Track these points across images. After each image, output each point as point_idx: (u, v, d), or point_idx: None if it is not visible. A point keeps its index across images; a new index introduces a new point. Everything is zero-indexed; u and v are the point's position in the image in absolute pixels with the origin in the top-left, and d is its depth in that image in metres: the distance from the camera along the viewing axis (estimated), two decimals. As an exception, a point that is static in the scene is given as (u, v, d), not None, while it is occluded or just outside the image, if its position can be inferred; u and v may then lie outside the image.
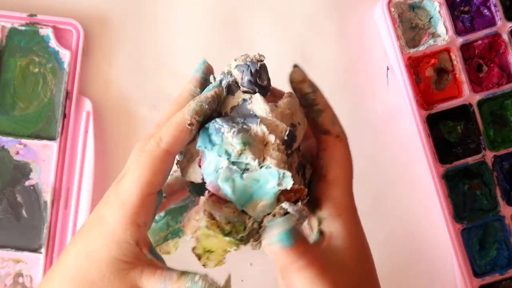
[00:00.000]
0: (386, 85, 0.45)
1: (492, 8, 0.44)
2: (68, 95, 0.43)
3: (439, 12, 0.43)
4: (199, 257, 0.28)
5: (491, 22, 0.44)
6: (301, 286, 0.26)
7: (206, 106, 0.27)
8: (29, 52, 0.43)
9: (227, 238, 0.27)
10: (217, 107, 0.28)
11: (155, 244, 0.36)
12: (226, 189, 0.27)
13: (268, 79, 0.28)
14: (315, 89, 0.29)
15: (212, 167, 0.27)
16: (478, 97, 0.43)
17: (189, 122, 0.27)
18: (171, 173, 0.28)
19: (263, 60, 0.28)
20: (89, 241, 0.28)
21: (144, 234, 0.28)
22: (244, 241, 0.28)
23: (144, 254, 0.27)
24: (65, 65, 0.43)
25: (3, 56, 0.43)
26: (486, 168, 0.43)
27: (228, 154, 0.27)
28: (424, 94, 0.44)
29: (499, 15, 0.43)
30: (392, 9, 0.43)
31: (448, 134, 0.44)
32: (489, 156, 0.43)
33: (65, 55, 0.43)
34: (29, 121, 0.43)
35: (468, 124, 0.44)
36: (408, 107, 0.44)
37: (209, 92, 0.28)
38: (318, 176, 0.29)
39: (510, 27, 0.43)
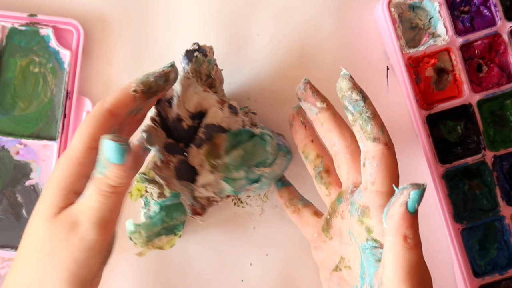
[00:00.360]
0: (386, 85, 0.45)
1: (492, 8, 0.44)
2: (68, 95, 0.43)
3: (439, 12, 0.43)
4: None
5: (491, 22, 0.44)
6: (405, 265, 0.27)
7: (152, 79, 0.31)
8: (29, 52, 0.43)
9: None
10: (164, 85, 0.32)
11: (147, 239, 0.37)
12: None
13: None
14: (364, 96, 0.30)
15: None
16: (478, 97, 0.43)
17: (133, 88, 0.30)
18: None
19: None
20: (38, 200, 0.30)
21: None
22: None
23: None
24: (65, 65, 0.43)
25: (3, 56, 0.43)
26: (486, 168, 0.43)
27: None
28: (424, 94, 0.44)
29: (499, 15, 0.43)
30: (392, 9, 0.43)
31: (448, 134, 0.44)
32: (489, 156, 0.43)
33: (65, 55, 0.43)
34: (29, 121, 0.43)
35: (468, 124, 0.44)
36: (408, 107, 0.44)
37: (158, 69, 0.32)
38: (365, 183, 0.29)
39: (510, 27, 0.43)
